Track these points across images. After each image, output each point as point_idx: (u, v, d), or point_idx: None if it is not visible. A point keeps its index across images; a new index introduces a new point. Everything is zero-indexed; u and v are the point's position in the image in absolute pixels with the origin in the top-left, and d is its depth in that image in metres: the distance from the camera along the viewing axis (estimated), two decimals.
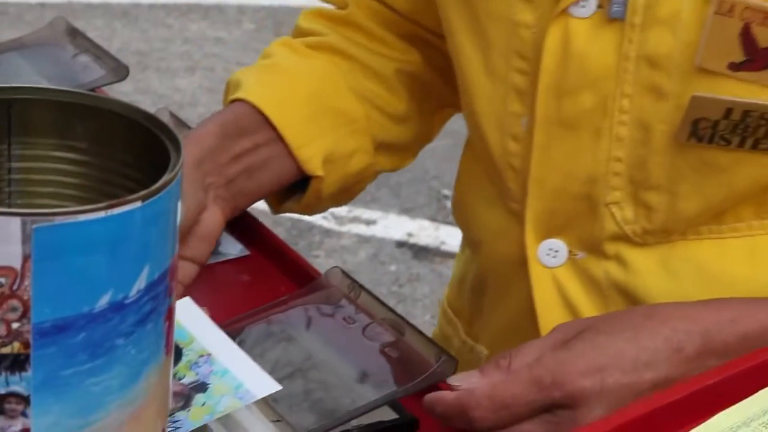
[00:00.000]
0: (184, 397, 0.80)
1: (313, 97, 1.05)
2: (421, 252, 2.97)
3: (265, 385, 0.80)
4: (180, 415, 0.78)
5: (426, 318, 2.70)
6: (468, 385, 0.81)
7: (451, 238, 3.02)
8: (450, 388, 0.84)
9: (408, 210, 3.11)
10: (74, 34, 1.28)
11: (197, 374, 0.81)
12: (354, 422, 0.87)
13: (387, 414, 0.89)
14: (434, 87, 1.12)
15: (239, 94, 1.03)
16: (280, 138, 1.02)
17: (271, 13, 4.10)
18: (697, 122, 0.88)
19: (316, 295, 0.97)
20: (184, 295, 0.89)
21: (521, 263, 0.98)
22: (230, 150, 1.00)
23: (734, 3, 0.84)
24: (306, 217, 3.04)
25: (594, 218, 0.94)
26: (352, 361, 0.90)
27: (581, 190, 0.94)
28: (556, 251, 0.97)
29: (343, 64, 1.08)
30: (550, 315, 0.97)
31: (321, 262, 2.76)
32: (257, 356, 0.88)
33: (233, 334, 0.89)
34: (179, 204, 0.62)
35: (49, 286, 0.58)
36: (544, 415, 0.79)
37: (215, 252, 1.05)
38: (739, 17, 0.84)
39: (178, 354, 0.82)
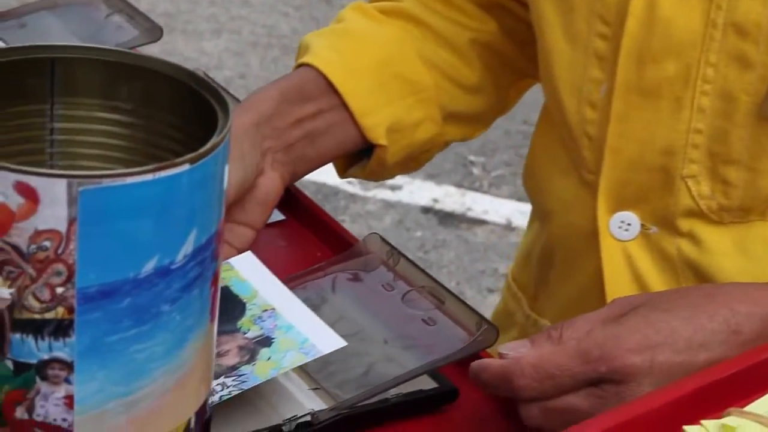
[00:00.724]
0: (249, 351, 0.79)
1: (382, 64, 1.03)
2: (446, 218, 2.96)
3: (331, 340, 0.79)
4: (245, 369, 0.77)
5: (451, 284, 2.69)
6: (516, 354, 0.79)
7: (476, 204, 3.01)
8: (493, 356, 0.83)
9: (434, 176, 3.09)
10: None
11: (261, 329, 0.80)
12: (393, 391, 0.86)
13: (427, 383, 0.88)
14: (511, 58, 1.10)
15: (306, 59, 1.02)
16: (345, 105, 1.01)
17: None
18: None
19: (354, 261, 0.96)
20: None
21: (592, 235, 0.97)
22: (291, 115, 0.99)
23: None
24: (331, 182, 3.02)
25: (669, 192, 0.93)
26: (391, 329, 0.89)
27: (658, 162, 0.92)
28: (629, 224, 0.95)
29: (415, 31, 1.06)
30: (619, 289, 0.96)
31: (346, 228, 2.75)
32: None
33: None
34: (226, 168, 0.61)
35: (95, 251, 0.56)
36: (589, 389, 0.78)
37: None
38: None
39: (242, 308, 0.81)
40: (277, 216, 1.05)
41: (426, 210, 2.97)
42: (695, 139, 0.90)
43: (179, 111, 0.63)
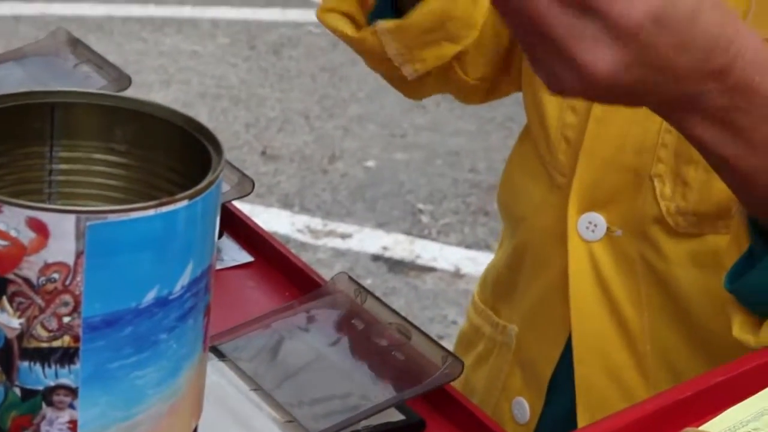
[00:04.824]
0: None
1: None
2: (396, 266, 2.99)
3: None
4: None
5: None
6: None
7: (426, 252, 3.05)
8: (457, 389, 0.85)
9: (383, 224, 3.13)
10: (75, 44, 1.29)
11: None
12: (363, 423, 0.89)
13: (394, 415, 0.91)
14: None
15: None
16: None
17: (245, 26, 4.12)
18: None
19: (323, 300, 0.99)
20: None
21: (560, 236, 1.00)
22: None
23: None
24: (281, 231, 3.05)
25: (637, 192, 0.96)
26: (360, 365, 0.92)
27: (629, 162, 0.96)
28: (595, 225, 0.98)
29: None
30: (581, 289, 0.99)
31: None
32: (265, 360, 0.91)
33: (241, 339, 0.91)
34: (219, 205, 0.65)
35: (100, 282, 0.60)
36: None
37: (219, 258, 1.07)
38: None
39: None
40: (246, 257, 1.08)
41: (376, 258, 3.00)
42: (666, 138, 0.94)
43: (173, 152, 0.67)
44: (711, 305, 0.97)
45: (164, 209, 0.60)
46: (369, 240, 3.07)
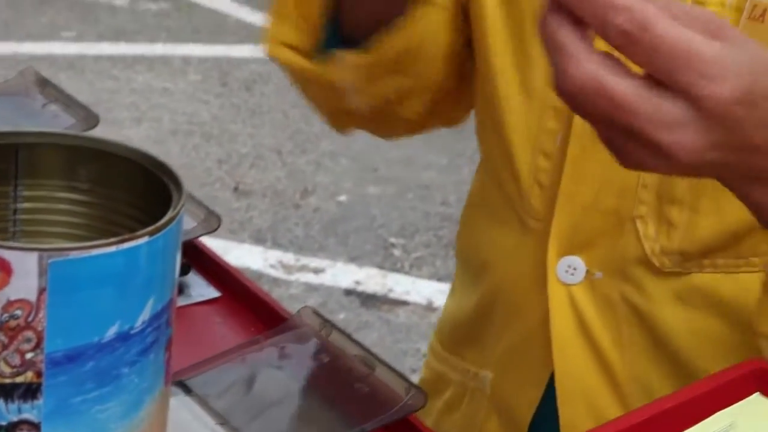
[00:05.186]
0: None
1: None
2: (369, 300, 3.00)
3: None
4: None
5: None
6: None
7: (398, 285, 3.06)
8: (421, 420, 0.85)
9: (355, 258, 3.15)
10: (44, 83, 1.30)
11: None
12: None
13: None
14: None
15: None
16: None
17: (216, 63, 4.14)
18: None
19: (288, 334, 1.00)
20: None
21: (537, 281, 0.99)
22: None
23: (766, 7, 0.86)
24: (254, 267, 3.06)
25: (619, 234, 0.96)
26: (324, 397, 0.93)
27: (610, 204, 0.95)
28: (575, 269, 0.98)
29: None
30: (563, 332, 0.98)
31: None
32: (232, 395, 0.92)
33: (208, 374, 0.92)
34: (180, 241, 0.66)
35: (62, 318, 0.61)
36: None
37: (186, 294, 1.08)
38: None
39: None
40: (213, 293, 1.09)
41: (348, 292, 3.01)
42: (646, 178, 0.94)
43: (135, 189, 0.69)
44: (696, 343, 0.97)
45: (125, 246, 0.61)
46: (341, 274, 3.08)
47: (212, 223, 1.14)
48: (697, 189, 0.93)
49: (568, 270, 0.98)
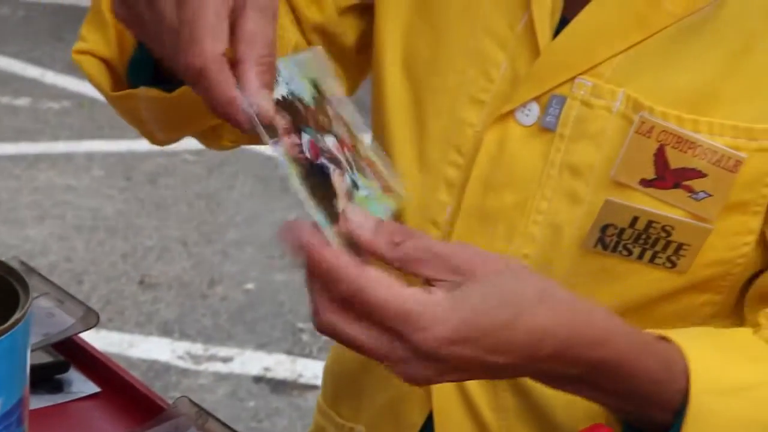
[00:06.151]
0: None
1: None
2: (279, 386, 3.00)
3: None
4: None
5: None
6: (366, 232, 0.79)
7: (307, 370, 3.07)
8: None
9: (264, 345, 3.15)
10: None
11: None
12: None
13: None
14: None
15: None
16: None
17: (120, 158, 4.15)
18: (605, 228, 0.95)
19: (165, 425, 1.02)
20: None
21: None
22: None
23: (653, 125, 0.93)
24: (162, 359, 3.05)
25: None
26: None
27: None
28: None
29: None
30: (442, 395, 1.02)
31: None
32: None
33: None
34: (29, 341, 0.68)
35: None
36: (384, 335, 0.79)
37: (66, 391, 1.10)
38: (655, 138, 0.93)
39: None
40: (93, 388, 1.11)
41: (258, 379, 3.01)
42: (523, 263, 0.97)
43: None
44: (568, 407, 1.01)
45: None
46: (251, 362, 3.08)
47: (91, 319, 1.16)
48: (573, 278, 0.97)
49: None
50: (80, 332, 1.15)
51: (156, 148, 1.16)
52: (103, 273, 3.42)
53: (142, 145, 4.27)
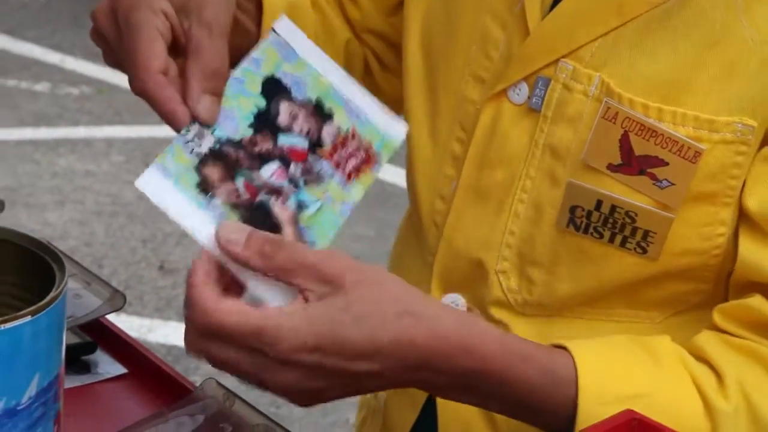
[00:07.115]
0: None
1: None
2: None
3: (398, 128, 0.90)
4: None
5: None
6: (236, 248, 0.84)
7: None
8: None
9: None
10: None
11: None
12: None
13: None
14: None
15: None
16: None
17: (139, 144, 4.16)
18: (573, 210, 0.97)
19: (193, 406, 1.03)
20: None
21: None
22: None
23: (618, 111, 0.95)
24: (181, 344, 3.06)
25: (484, 283, 1.03)
26: None
27: (477, 256, 1.03)
28: (456, 304, 1.05)
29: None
30: None
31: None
32: None
33: None
34: (65, 318, 0.69)
35: None
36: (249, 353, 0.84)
37: (93, 372, 1.10)
38: (620, 124, 0.95)
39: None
40: (120, 369, 1.12)
41: None
42: (509, 239, 1.01)
43: (21, 271, 0.71)
44: None
45: (9, 325, 0.64)
46: None
47: (117, 301, 1.16)
48: (555, 257, 1.00)
49: (452, 305, 1.04)
50: (107, 314, 1.16)
51: (175, 134, 1.18)
52: (122, 258, 3.43)
53: (162, 130, 4.28)
